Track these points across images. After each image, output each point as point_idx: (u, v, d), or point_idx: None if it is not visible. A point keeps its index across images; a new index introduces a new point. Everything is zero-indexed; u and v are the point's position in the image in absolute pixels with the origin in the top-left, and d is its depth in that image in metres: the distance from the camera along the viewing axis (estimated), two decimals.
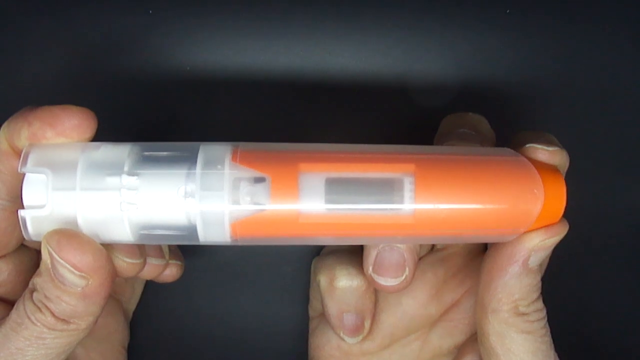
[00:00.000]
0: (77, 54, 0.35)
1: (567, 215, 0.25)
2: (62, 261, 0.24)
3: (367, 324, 0.31)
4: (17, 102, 0.34)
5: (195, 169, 0.24)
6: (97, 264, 0.24)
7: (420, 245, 0.30)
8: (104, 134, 0.26)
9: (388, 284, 0.28)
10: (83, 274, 0.24)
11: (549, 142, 0.26)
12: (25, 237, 0.24)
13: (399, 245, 0.27)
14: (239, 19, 0.35)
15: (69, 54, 0.35)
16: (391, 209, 0.24)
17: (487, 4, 0.35)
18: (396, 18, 0.35)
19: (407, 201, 0.24)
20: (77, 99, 0.34)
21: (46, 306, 0.24)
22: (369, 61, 0.35)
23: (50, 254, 0.24)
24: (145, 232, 0.24)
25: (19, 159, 0.24)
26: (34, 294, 0.25)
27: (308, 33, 0.35)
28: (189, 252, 0.34)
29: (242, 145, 0.25)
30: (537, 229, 0.25)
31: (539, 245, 0.25)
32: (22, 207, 0.24)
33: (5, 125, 0.25)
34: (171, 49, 0.35)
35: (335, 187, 0.24)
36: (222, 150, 0.24)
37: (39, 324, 0.24)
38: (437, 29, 0.35)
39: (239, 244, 0.25)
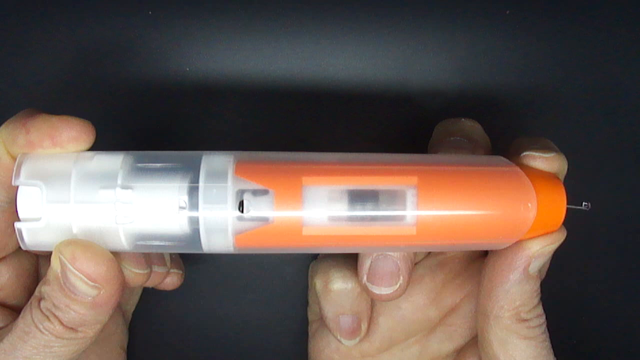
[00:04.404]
0: (75, 54, 0.35)
1: (567, 217, 0.25)
2: (75, 271, 0.24)
3: (363, 326, 0.31)
4: (16, 103, 0.34)
5: (196, 181, 0.24)
6: (110, 275, 0.24)
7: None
8: (103, 135, 0.26)
9: (382, 292, 0.28)
10: (96, 284, 0.24)
11: (546, 149, 0.26)
12: (22, 247, 0.25)
13: (391, 253, 0.27)
14: (239, 20, 0.35)
15: (67, 55, 0.35)
16: (394, 221, 0.24)
17: (487, 5, 0.35)
18: (395, 21, 0.35)
19: (410, 213, 0.24)
20: (75, 99, 0.35)
21: (54, 315, 0.25)
22: (368, 64, 0.35)
23: (62, 263, 0.24)
24: (142, 242, 0.24)
25: (15, 162, 0.24)
26: (42, 303, 0.25)
27: (308, 34, 0.35)
28: (188, 253, 0.34)
29: (245, 155, 0.25)
30: (536, 236, 0.25)
31: (538, 252, 0.25)
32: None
33: (2, 128, 0.25)
34: (170, 50, 0.35)
35: (339, 200, 0.24)
36: (224, 162, 0.24)
37: (47, 332, 0.24)
38: (436, 31, 0.35)
39: (242, 252, 0.25)
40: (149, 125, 0.36)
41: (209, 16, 0.35)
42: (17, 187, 0.24)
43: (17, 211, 0.24)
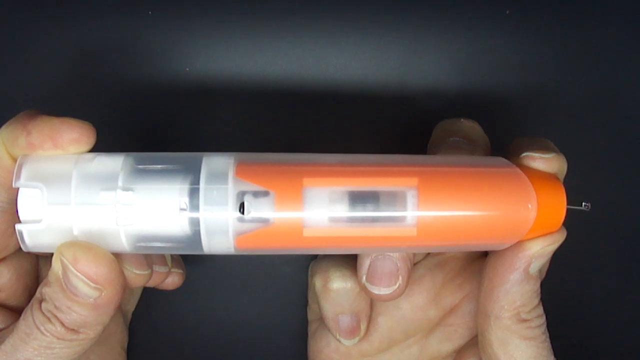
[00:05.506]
0: (75, 55, 0.35)
1: (567, 217, 0.25)
2: (77, 273, 0.24)
3: (363, 326, 0.31)
4: (16, 103, 0.34)
5: (196, 183, 0.24)
6: (111, 276, 0.24)
7: None
8: (103, 136, 0.26)
9: (381, 292, 0.28)
10: (97, 286, 0.24)
11: (545, 149, 0.26)
12: (23, 249, 0.25)
13: (391, 253, 0.27)
14: (239, 20, 0.35)
15: (68, 55, 0.35)
16: (395, 222, 0.24)
17: (487, 5, 0.35)
18: (395, 21, 0.35)
19: (411, 214, 0.24)
20: (75, 100, 0.35)
21: (56, 316, 0.25)
22: (368, 64, 0.35)
23: (64, 265, 0.24)
24: (143, 244, 0.24)
25: (15, 163, 0.24)
26: (43, 304, 0.25)
27: (308, 34, 0.35)
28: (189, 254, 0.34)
29: (245, 157, 0.25)
30: (536, 237, 0.25)
31: (539, 252, 0.25)
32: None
33: (3, 129, 0.25)
34: (170, 50, 0.35)
35: (340, 201, 0.24)
36: (225, 163, 0.24)
37: (48, 334, 0.25)
38: (436, 31, 0.35)
39: (243, 253, 0.25)
40: (150, 126, 0.36)
41: (209, 16, 0.35)
42: (18, 188, 0.24)
43: (17, 213, 0.24)
